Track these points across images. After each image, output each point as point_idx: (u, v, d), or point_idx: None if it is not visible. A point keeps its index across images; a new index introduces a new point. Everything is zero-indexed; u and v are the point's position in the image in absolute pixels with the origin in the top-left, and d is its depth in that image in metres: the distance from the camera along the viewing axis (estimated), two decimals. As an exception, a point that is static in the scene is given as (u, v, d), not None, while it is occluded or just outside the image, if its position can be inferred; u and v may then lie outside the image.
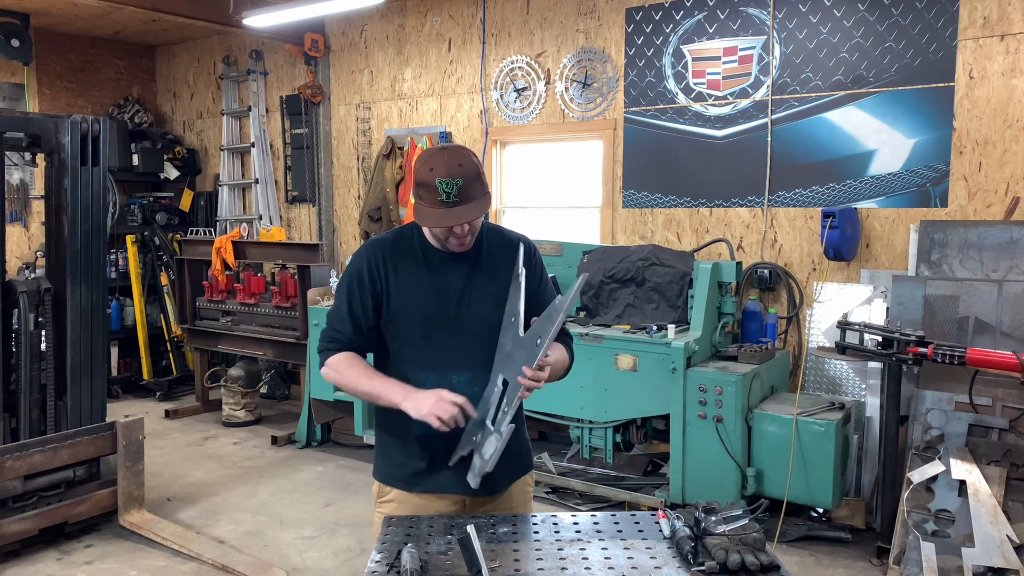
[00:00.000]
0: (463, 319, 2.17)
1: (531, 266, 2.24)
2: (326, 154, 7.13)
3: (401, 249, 2.21)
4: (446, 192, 1.99)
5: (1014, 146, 4.19)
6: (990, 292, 3.96)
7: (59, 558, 4.14)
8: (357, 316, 2.18)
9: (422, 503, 2.20)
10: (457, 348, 2.17)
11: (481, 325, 2.18)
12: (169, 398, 7.39)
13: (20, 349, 4.29)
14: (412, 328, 2.18)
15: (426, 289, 2.17)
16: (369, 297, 2.17)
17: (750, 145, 4.97)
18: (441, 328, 2.16)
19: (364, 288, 2.17)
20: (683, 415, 4.24)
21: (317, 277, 5.91)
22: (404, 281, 2.17)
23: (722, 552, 1.76)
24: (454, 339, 2.17)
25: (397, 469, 2.24)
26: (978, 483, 3.61)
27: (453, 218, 2.02)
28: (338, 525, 4.54)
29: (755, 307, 4.84)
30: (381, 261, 2.18)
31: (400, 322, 2.18)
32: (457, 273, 2.18)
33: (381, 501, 2.28)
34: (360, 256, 2.21)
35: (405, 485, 2.22)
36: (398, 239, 2.24)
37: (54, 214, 4.41)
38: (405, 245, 2.21)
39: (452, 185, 1.99)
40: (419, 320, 2.17)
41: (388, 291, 2.17)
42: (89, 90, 7.96)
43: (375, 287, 2.17)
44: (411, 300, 2.16)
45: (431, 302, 2.16)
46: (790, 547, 4.15)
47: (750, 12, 4.93)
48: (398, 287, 2.17)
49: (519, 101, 5.95)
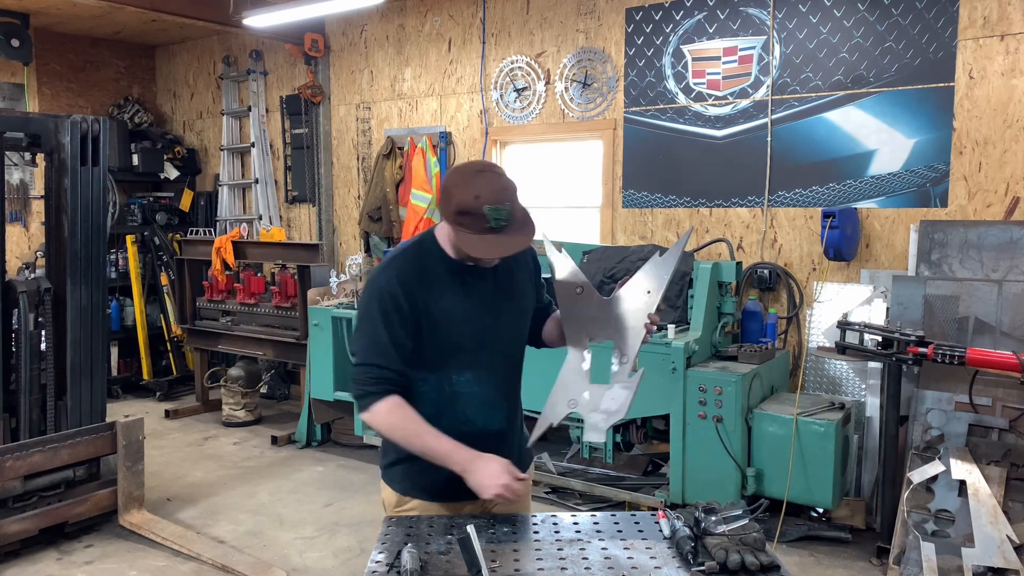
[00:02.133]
0: (501, 331, 2.17)
1: (536, 268, 2.31)
2: (326, 154, 7.13)
3: (427, 266, 2.09)
4: (495, 219, 1.92)
5: (1014, 146, 4.19)
6: (990, 292, 3.96)
7: (59, 558, 4.14)
8: (401, 344, 2.04)
9: (443, 509, 2.18)
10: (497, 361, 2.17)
11: (514, 333, 2.22)
12: (169, 398, 7.40)
13: (20, 349, 4.29)
14: (448, 348, 2.10)
15: (458, 306, 2.09)
16: (409, 321, 2.04)
17: (750, 145, 4.97)
18: (483, 343, 2.13)
19: (402, 312, 2.03)
20: (683, 415, 4.24)
21: (317, 277, 5.91)
22: (438, 300, 2.06)
23: (722, 552, 1.76)
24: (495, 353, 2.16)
25: (423, 479, 2.17)
26: (978, 483, 3.61)
27: (506, 245, 1.96)
28: (338, 525, 4.54)
29: (755, 307, 4.84)
30: (413, 281, 2.05)
31: (436, 344, 2.08)
32: (483, 285, 2.14)
33: (400, 510, 2.20)
34: (389, 280, 2.05)
35: (429, 495, 2.18)
36: (420, 254, 2.11)
37: (54, 214, 4.41)
38: (430, 260, 2.10)
39: (502, 211, 1.92)
40: (455, 340, 2.10)
41: (427, 313, 2.05)
42: (89, 90, 7.96)
43: (414, 309, 2.04)
44: (447, 320, 2.07)
45: (466, 319, 2.10)
46: (790, 547, 4.15)
47: (750, 12, 4.93)
48: (439, 307, 2.06)
49: (519, 101, 5.95)
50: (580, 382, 2.08)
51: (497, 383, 2.19)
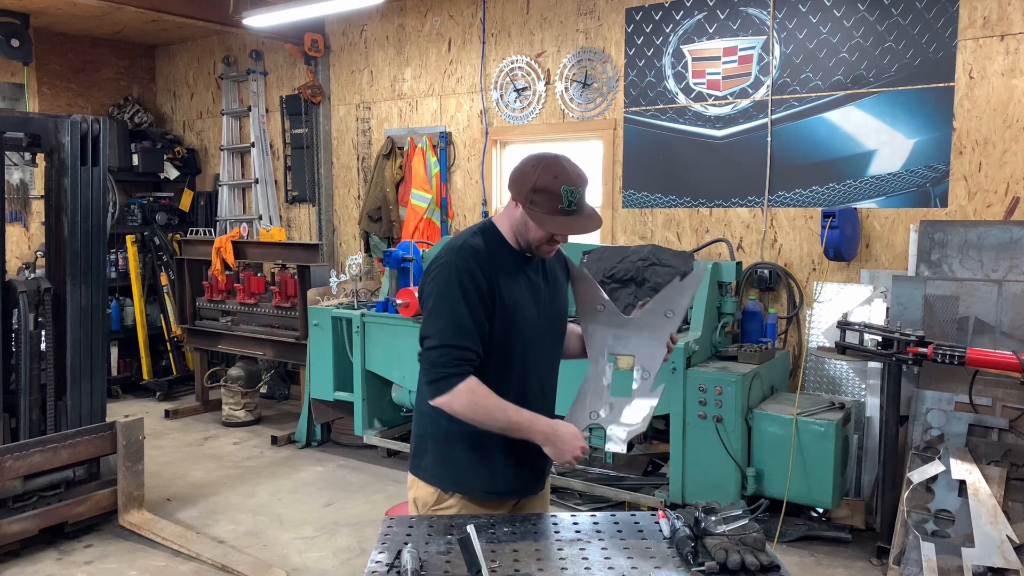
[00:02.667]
0: (551, 319, 2.25)
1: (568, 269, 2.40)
2: (326, 154, 7.13)
3: (497, 252, 2.13)
4: (569, 200, 2.02)
5: (1014, 146, 4.19)
6: (990, 292, 3.96)
7: (59, 558, 4.14)
8: (482, 326, 2.06)
9: (482, 509, 2.21)
10: (550, 347, 2.26)
11: (561, 322, 2.31)
12: (169, 398, 7.40)
13: (20, 349, 4.29)
14: (515, 334, 2.13)
15: (524, 294, 2.16)
16: (490, 304, 2.07)
17: (750, 145, 4.97)
18: (540, 329, 2.21)
19: (483, 294, 2.05)
20: (683, 415, 4.24)
21: (317, 277, 5.92)
22: (509, 286, 2.11)
23: (722, 552, 1.76)
24: (548, 339, 2.25)
25: (462, 475, 2.19)
26: (978, 483, 3.61)
27: (575, 226, 2.04)
28: (338, 525, 4.54)
29: (755, 307, 4.83)
30: (487, 265, 2.08)
31: (507, 329, 2.11)
32: (537, 277, 2.22)
33: (439, 507, 2.20)
34: (468, 262, 2.07)
35: (468, 491, 2.20)
36: (491, 241, 2.15)
37: (54, 214, 4.41)
38: (498, 248, 2.14)
39: (576, 194, 2.03)
40: (530, 323, 2.16)
41: (501, 297, 2.09)
42: (89, 90, 7.96)
43: (492, 293, 2.07)
44: (518, 305, 2.13)
45: (531, 306, 2.17)
46: (790, 547, 4.15)
47: (750, 12, 4.93)
48: (507, 292, 2.10)
49: (519, 101, 5.95)
50: (601, 395, 2.17)
51: (543, 375, 2.27)
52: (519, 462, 2.18)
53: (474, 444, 2.16)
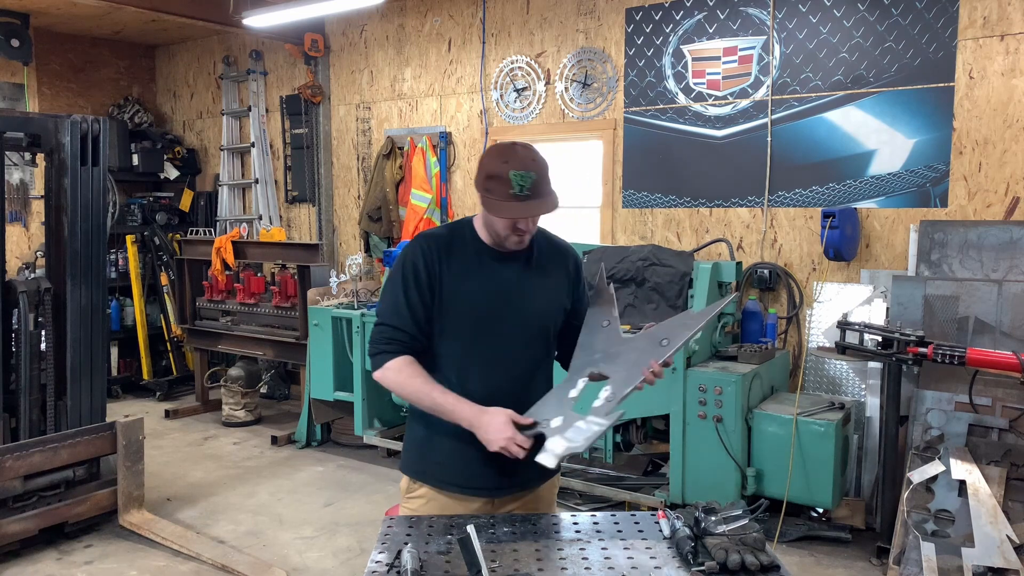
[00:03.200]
0: (511, 319, 2.18)
1: (578, 278, 2.35)
2: (326, 154, 7.13)
3: (455, 244, 2.17)
4: (519, 185, 1.99)
5: (1014, 146, 4.19)
6: (990, 292, 3.96)
7: (59, 558, 4.14)
8: (416, 310, 2.12)
9: (451, 502, 2.20)
10: (502, 347, 2.17)
11: (529, 325, 2.21)
12: (169, 398, 7.40)
13: (20, 349, 4.29)
14: (461, 325, 2.15)
15: (478, 285, 2.15)
16: (427, 290, 2.12)
17: (750, 145, 4.97)
18: (489, 327, 2.16)
19: (420, 280, 2.12)
20: (683, 415, 4.24)
21: (317, 277, 5.91)
22: (457, 275, 2.14)
23: (722, 552, 1.76)
24: (500, 339, 2.17)
25: (432, 467, 2.22)
26: (978, 483, 3.61)
27: (526, 210, 2.02)
28: (338, 525, 4.54)
29: (755, 307, 4.84)
30: (435, 253, 2.13)
31: (449, 318, 2.15)
32: (509, 271, 2.18)
33: (410, 496, 2.26)
34: (414, 249, 2.15)
35: (437, 483, 2.21)
36: (452, 233, 2.20)
37: (54, 214, 4.41)
38: (458, 240, 2.18)
39: (526, 178, 2.00)
40: (469, 317, 2.15)
41: (442, 285, 2.13)
42: (89, 90, 7.96)
43: (431, 280, 2.12)
44: (463, 295, 2.14)
45: (482, 298, 2.15)
46: (790, 547, 4.15)
47: (750, 12, 4.93)
48: (451, 281, 2.13)
49: (519, 101, 5.95)
50: (560, 407, 2.05)
51: (510, 371, 2.19)
52: (486, 458, 2.10)
53: (445, 436, 2.16)
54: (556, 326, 2.30)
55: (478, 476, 2.17)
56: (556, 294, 2.28)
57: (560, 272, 2.30)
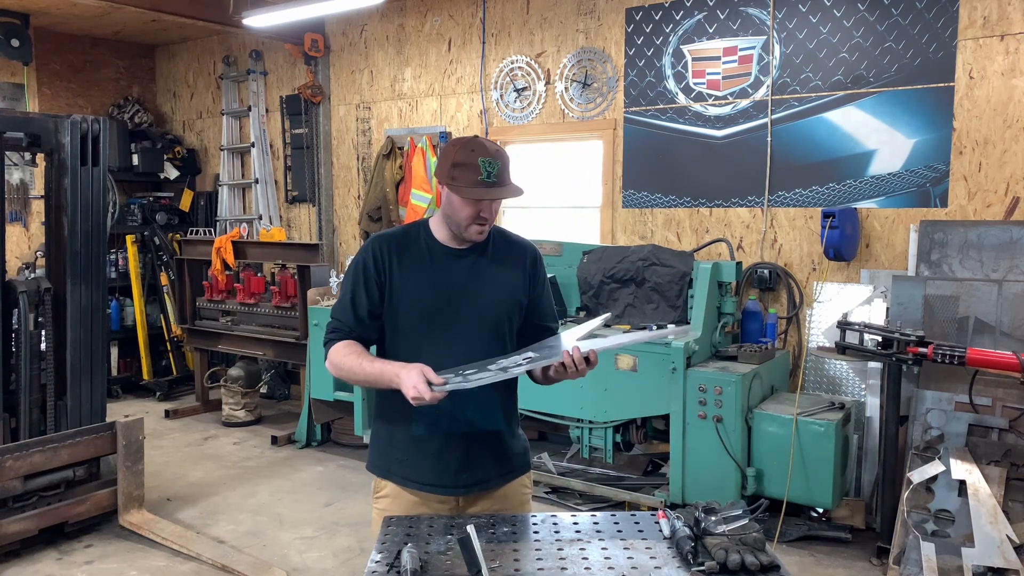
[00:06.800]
0: (463, 314, 2.20)
1: (536, 273, 2.33)
2: (326, 154, 7.13)
3: (407, 243, 2.25)
4: (487, 171, 2.08)
5: (1014, 146, 4.19)
6: (990, 292, 3.96)
7: (59, 558, 4.14)
8: (359, 305, 2.21)
9: (416, 500, 2.23)
10: (455, 342, 2.18)
11: (482, 320, 2.21)
12: (169, 398, 7.39)
13: (20, 349, 4.29)
14: (411, 320, 2.21)
15: (427, 282, 2.20)
16: (375, 287, 2.20)
17: (750, 145, 4.97)
18: (439, 322, 2.19)
19: (370, 278, 2.21)
20: (683, 415, 4.24)
21: (317, 277, 5.91)
22: (407, 273, 2.21)
23: (722, 552, 1.76)
24: (452, 333, 2.19)
25: (394, 463, 2.26)
26: (978, 483, 3.61)
27: (494, 194, 2.10)
28: (338, 525, 4.54)
29: (755, 307, 4.84)
30: (386, 253, 2.21)
31: (400, 314, 2.21)
32: (460, 269, 2.22)
33: (377, 496, 2.31)
34: (367, 248, 2.25)
35: (399, 480, 2.25)
36: (405, 234, 2.28)
37: (54, 214, 4.41)
38: (411, 239, 2.26)
39: (493, 165, 2.09)
40: (417, 313, 2.20)
41: (391, 282, 2.21)
42: (89, 90, 7.96)
43: (379, 277, 2.20)
44: (411, 292, 2.20)
45: (431, 295, 2.19)
46: (790, 547, 4.15)
47: (750, 12, 4.93)
48: (401, 279, 2.20)
49: (519, 101, 5.95)
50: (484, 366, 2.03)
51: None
52: (442, 453, 2.18)
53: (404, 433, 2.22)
54: (512, 321, 2.27)
55: (435, 472, 2.20)
56: (511, 287, 2.27)
57: (516, 266, 2.28)
